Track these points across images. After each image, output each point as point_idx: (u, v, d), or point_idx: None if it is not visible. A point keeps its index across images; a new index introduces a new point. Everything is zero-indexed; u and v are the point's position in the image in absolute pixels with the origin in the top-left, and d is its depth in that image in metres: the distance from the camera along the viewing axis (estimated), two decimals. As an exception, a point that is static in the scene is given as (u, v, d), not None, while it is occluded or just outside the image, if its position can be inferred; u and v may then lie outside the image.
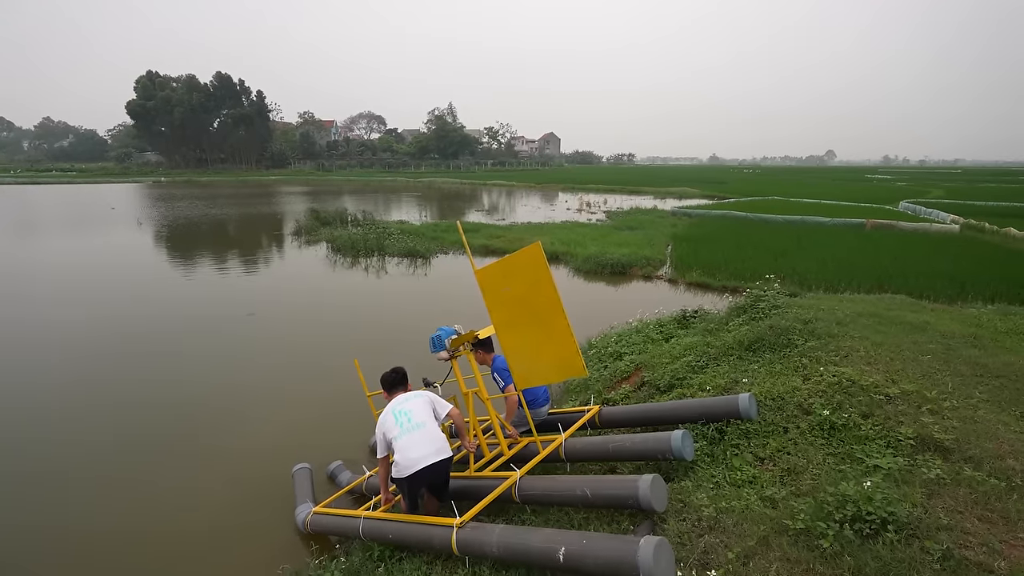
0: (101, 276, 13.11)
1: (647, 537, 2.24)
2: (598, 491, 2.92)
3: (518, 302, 3.31)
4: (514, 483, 3.30)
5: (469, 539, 2.83)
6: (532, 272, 3.18)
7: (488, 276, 3.39)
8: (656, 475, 2.82)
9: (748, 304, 6.26)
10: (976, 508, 2.39)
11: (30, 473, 4.89)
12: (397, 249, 15.45)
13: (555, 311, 3.15)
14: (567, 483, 3.13)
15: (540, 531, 2.67)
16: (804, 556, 2.27)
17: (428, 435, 3.32)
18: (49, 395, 6.50)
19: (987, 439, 2.93)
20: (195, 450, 5.28)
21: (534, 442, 3.87)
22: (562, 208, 30.16)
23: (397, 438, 3.31)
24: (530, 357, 3.41)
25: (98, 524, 4.24)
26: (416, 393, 3.57)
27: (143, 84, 72.32)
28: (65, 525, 4.21)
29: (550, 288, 3.13)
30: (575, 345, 3.16)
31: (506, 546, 2.66)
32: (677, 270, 12.47)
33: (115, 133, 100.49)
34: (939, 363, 4.04)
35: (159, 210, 29.11)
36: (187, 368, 7.31)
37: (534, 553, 2.53)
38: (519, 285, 3.27)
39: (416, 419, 3.36)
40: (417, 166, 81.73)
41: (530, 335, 3.34)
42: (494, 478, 3.47)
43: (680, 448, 3.21)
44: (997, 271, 10.52)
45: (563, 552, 2.39)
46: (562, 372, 3.37)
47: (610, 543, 2.33)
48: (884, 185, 47.02)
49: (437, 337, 3.77)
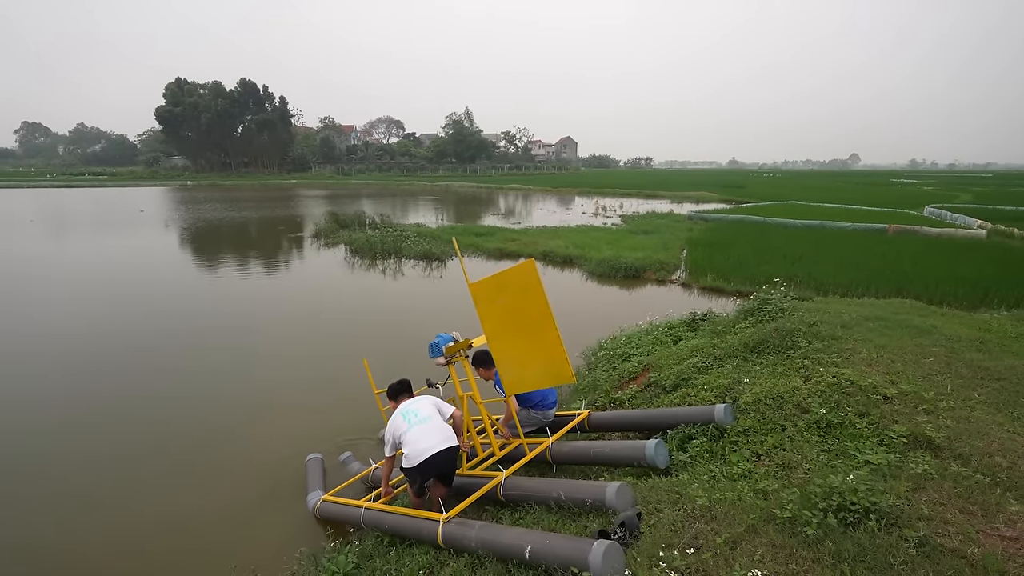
0: (131, 275, 13.71)
1: (600, 541, 2.51)
2: (571, 494, 3.21)
3: (511, 313, 3.53)
4: (499, 483, 3.55)
5: (452, 533, 3.14)
6: (525, 286, 3.39)
7: (482, 289, 3.61)
8: (623, 483, 3.07)
9: (755, 307, 6.33)
10: (958, 501, 2.47)
11: (51, 445, 5.25)
12: (413, 252, 15.76)
13: (546, 322, 3.34)
14: (546, 485, 3.41)
15: (512, 530, 2.97)
16: (788, 542, 2.39)
17: (435, 426, 3.57)
18: (86, 383, 6.92)
19: (978, 438, 3.00)
20: (219, 440, 5.59)
21: (524, 444, 4.12)
22: (578, 212, 30.24)
23: (406, 432, 3.55)
24: (520, 364, 3.62)
25: (134, 507, 4.55)
26: (422, 397, 3.84)
27: (171, 90, 74.79)
28: (89, 505, 4.52)
29: (542, 301, 3.33)
30: (564, 354, 3.36)
31: (483, 541, 2.97)
32: (691, 274, 12.49)
33: (144, 138, 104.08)
34: (940, 365, 4.08)
35: (185, 212, 30.14)
36: (208, 364, 7.68)
37: (505, 549, 2.83)
38: (513, 297, 3.49)
39: (423, 414, 3.62)
40: (434, 170, 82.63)
41: (521, 344, 3.56)
42: (483, 477, 3.73)
43: (653, 456, 3.48)
44: (1023, 277, 10.30)
45: (529, 549, 2.70)
46: (551, 379, 3.55)
47: (568, 543, 2.61)
48: (909, 189, 45.87)
49: (436, 344, 4.00)
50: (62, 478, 4.92)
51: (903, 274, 10.86)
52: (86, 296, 11.57)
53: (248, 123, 77.49)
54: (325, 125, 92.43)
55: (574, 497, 3.18)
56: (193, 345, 8.44)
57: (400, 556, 3.41)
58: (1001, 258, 12.58)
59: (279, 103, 78.91)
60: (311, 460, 4.95)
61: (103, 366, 7.60)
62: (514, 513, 3.49)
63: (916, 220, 20.89)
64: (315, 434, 5.60)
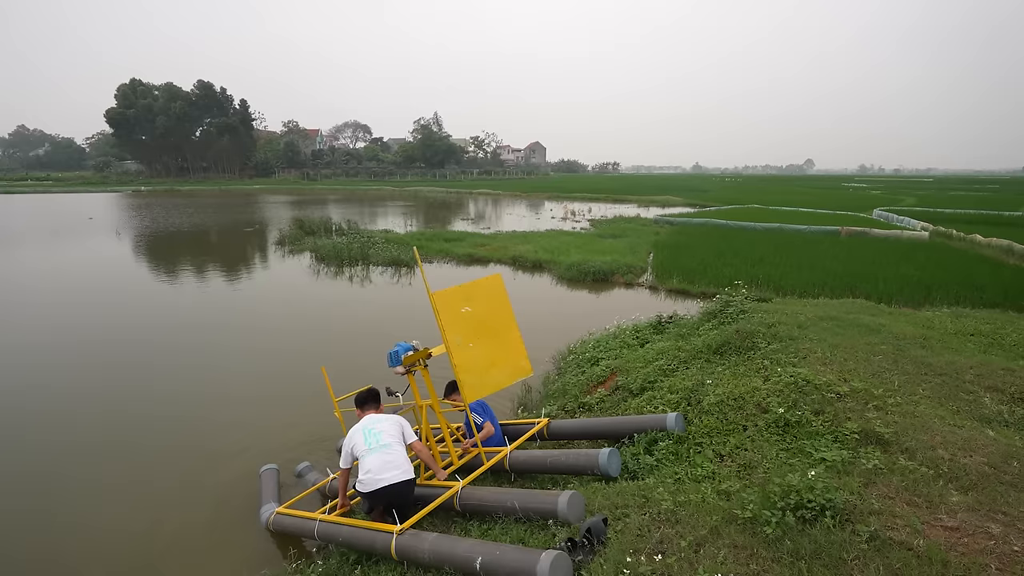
0: (78, 287, 12.95)
1: (548, 551, 2.57)
2: (525, 504, 3.26)
3: (476, 321, 3.71)
4: (456, 493, 3.56)
5: (406, 545, 3.12)
6: (492, 296, 3.78)
7: (446, 298, 3.69)
8: (575, 492, 3.12)
9: (718, 309, 6.50)
10: (905, 494, 2.59)
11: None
12: (382, 258, 15.52)
13: (510, 326, 3.75)
14: (501, 495, 3.45)
15: (465, 541, 2.98)
16: (749, 542, 2.45)
17: (393, 456, 3.51)
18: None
19: (923, 432, 3.16)
20: (169, 456, 5.31)
21: (482, 453, 4.14)
22: (547, 216, 30.48)
23: (364, 456, 3.51)
24: (484, 368, 3.78)
25: (80, 531, 4.26)
26: (388, 416, 3.74)
27: (124, 92, 71.52)
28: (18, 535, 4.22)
29: (507, 309, 3.77)
30: (524, 351, 3.78)
31: (436, 553, 2.96)
32: (658, 277, 12.75)
33: (94, 141, 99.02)
34: (888, 363, 4.29)
35: (139, 220, 28.74)
36: (158, 376, 7.31)
37: (458, 560, 2.85)
38: (479, 306, 3.72)
39: (384, 440, 3.54)
40: (403, 175, 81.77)
41: (485, 349, 3.76)
42: (440, 487, 3.73)
43: (606, 465, 3.59)
44: (962, 276, 10.99)
45: (480, 561, 2.74)
46: (513, 376, 3.86)
47: (518, 555, 2.65)
48: (859, 193, 48.37)
49: (395, 353, 3.94)
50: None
51: (855, 274, 11.41)
52: (24, 309, 10.84)
53: (208, 126, 74.78)
54: (289, 129, 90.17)
55: (528, 507, 3.22)
56: (143, 358, 8.01)
57: (366, 574, 3.32)
58: (942, 258, 13.40)
59: (240, 106, 76.52)
60: (265, 471, 4.79)
61: (35, 381, 7.12)
62: (483, 524, 3.46)
63: (866, 223, 22.02)
64: (271, 444, 5.44)
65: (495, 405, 5.41)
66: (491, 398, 4.51)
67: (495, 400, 5.38)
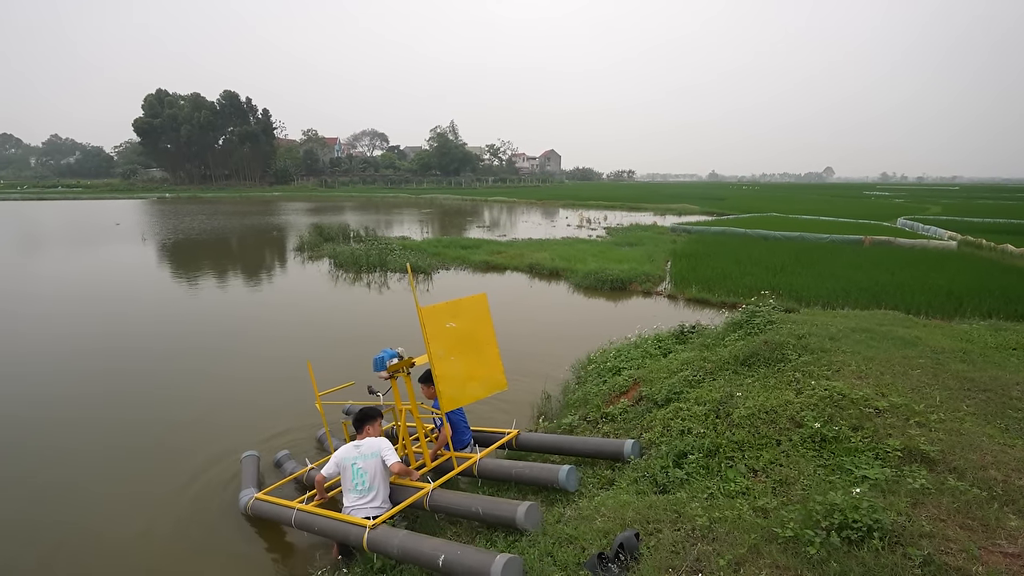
0: (103, 290, 13.27)
1: (503, 554, 2.74)
2: (488, 510, 3.44)
3: (460, 336, 3.96)
4: (426, 494, 3.73)
5: (378, 539, 3.31)
6: (476, 314, 4.06)
7: (433, 313, 3.87)
8: (533, 503, 3.31)
9: (744, 319, 6.37)
10: (958, 516, 2.47)
11: None
12: (399, 265, 15.62)
13: (490, 342, 4.08)
14: (467, 500, 3.64)
15: (431, 540, 3.15)
16: (792, 563, 2.35)
17: (371, 498, 3.71)
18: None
19: (971, 451, 3.02)
20: (171, 454, 5.37)
21: (453, 458, 4.31)
22: (562, 224, 30.44)
23: (347, 491, 3.77)
24: (463, 381, 4.00)
25: (60, 529, 4.30)
26: (375, 446, 3.82)
27: (150, 102, 73.71)
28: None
29: (488, 326, 4.10)
30: (501, 366, 4.10)
31: (404, 549, 3.15)
32: (676, 286, 12.60)
33: (121, 150, 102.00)
34: (928, 377, 4.13)
35: (164, 226, 29.46)
36: (172, 376, 7.42)
37: (423, 557, 3.04)
38: (463, 322, 3.98)
39: (368, 482, 3.71)
40: (419, 182, 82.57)
41: (466, 363, 3.99)
42: (412, 487, 3.91)
43: (565, 481, 3.76)
44: (994, 287, 10.62)
45: (443, 559, 2.92)
46: (489, 389, 4.09)
47: (476, 555, 2.83)
48: (882, 202, 47.37)
49: (380, 359, 4.15)
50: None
51: (881, 285, 11.12)
52: (50, 311, 11.14)
53: (230, 135, 76.58)
54: (308, 138, 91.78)
55: (491, 513, 3.40)
56: (162, 363, 8.14)
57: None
58: (973, 269, 12.99)
59: (262, 115, 78.26)
60: (247, 457, 4.94)
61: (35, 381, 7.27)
62: (454, 526, 3.62)
63: (890, 232, 21.52)
64: (251, 431, 5.62)
65: (483, 413, 5.71)
66: (473, 407, 4.66)
67: (477, 409, 5.40)
